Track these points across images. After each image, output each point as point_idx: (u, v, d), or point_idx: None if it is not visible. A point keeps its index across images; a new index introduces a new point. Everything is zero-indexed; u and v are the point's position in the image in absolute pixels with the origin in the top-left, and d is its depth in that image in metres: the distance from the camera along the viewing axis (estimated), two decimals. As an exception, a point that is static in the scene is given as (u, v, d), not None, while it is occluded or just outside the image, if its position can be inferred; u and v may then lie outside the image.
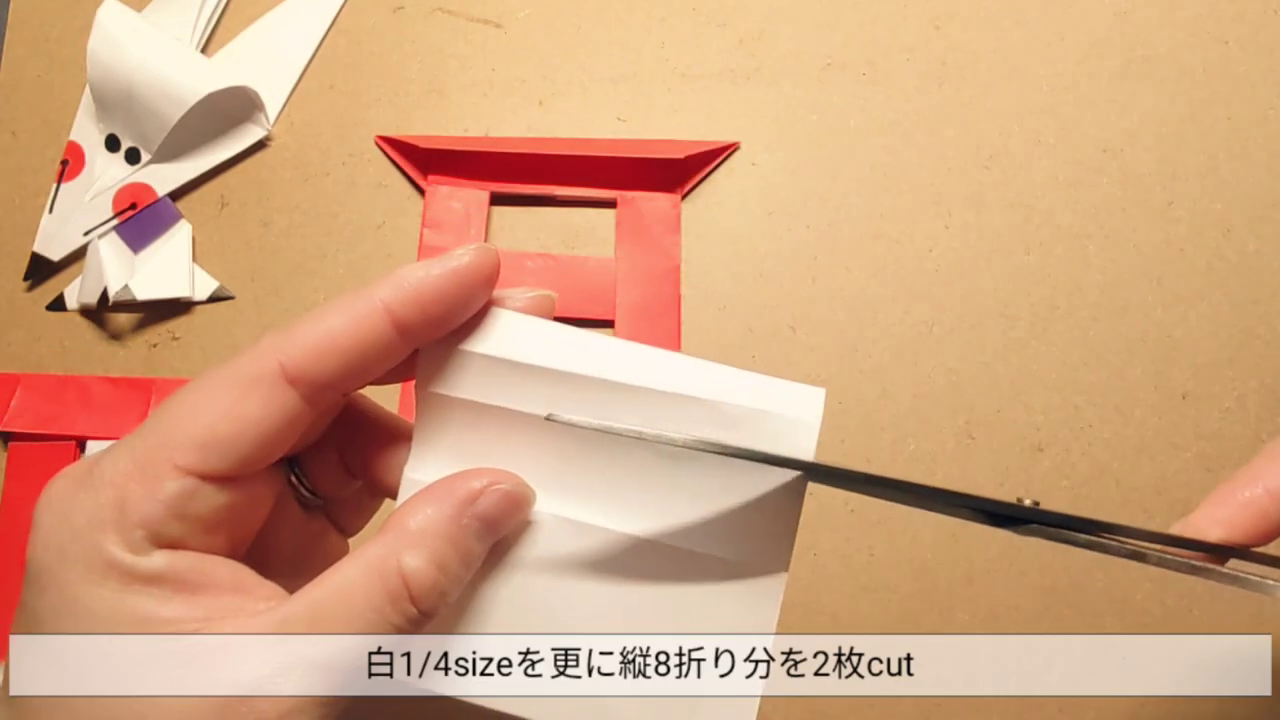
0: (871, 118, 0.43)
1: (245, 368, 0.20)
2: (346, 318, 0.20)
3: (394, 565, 0.20)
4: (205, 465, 0.20)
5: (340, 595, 0.19)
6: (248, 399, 0.20)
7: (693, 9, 0.44)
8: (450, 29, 0.44)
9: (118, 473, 0.20)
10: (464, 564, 0.21)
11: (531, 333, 0.22)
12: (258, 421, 0.20)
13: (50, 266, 0.42)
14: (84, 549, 0.19)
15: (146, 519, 0.19)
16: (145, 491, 0.19)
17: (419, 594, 0.20)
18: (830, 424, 0.40)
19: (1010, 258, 0.41)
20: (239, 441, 0.20)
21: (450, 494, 0.21)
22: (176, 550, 0.20)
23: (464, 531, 0.20)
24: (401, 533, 0.20)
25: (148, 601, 0.19)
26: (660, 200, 0.42)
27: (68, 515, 0.20)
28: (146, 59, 0.41)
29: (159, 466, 0.19)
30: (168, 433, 0.20)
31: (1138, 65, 0.43)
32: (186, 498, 0.20)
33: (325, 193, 0.42)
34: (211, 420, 0.20)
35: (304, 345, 0.20)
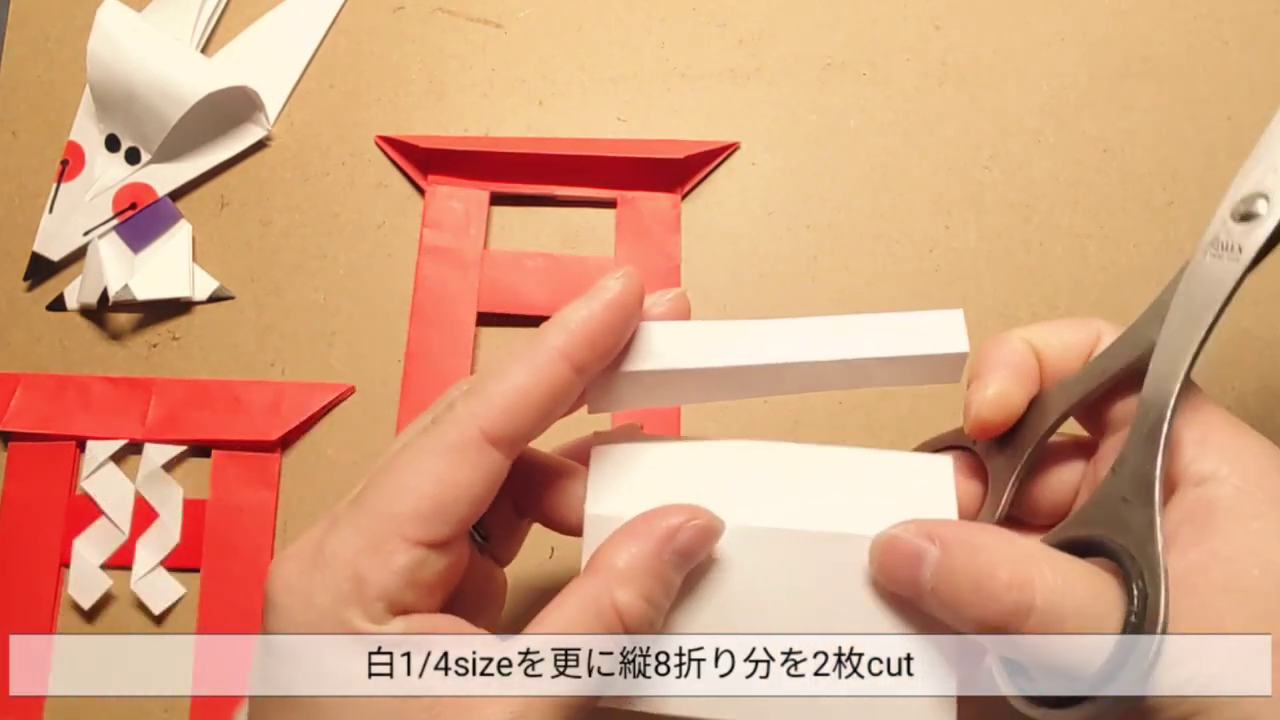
0: (871, 118, 0.43)
1: (451, 436, 0.21)
2: (530, 371, 0.22)
3: (608, 602, 0.21)
4: (430, 535, 0.21)
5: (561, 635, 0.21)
6: (460, 468, 0.21)
7: (693, 9, 0.44)
8: (450, 29, 0.44)
9: (349, 549, 0.21)
10: (666, 595, 0.23)
11: (679, 337, 0.24)
12: (470, 486, 0.21)
13: (50, 266, 0.42)
14: (331, 624, 0.20)
15: (385, 591, 0.21)
16: (380, 566, 0.21)
17: (632, 626, 0.22)
18: (830, 424, 0.40)
19: (1010, 258, 0.41)
20: (456, 508, 0.21)
21: (650, 532, 0.22)
22: (410, 615, 0.21)
23: (665, 566, 0.22)
24: (611, 572, 0.22)
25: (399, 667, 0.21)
26: (660, 200, 0.42)
27: (309, 594, 0.21)
28: (146, 59, 0.41)
29: (389, 541, 0.21)
30: (391, 507, 0.21)
31: (1138, 65, 0.43)
32: (417, 568, 0.21)
33: (325, 193, 0.42)
34: (431, 492, 0.21)
35: (499, 407, 0.22)
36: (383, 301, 0.41)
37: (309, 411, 0.40)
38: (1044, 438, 0.25)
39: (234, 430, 0.40)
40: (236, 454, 0.40)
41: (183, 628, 0.39)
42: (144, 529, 0.39)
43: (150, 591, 0.38)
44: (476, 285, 0.41)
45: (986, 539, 0.22)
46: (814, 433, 0.39)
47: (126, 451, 0.40)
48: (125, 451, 0.40)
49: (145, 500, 0.39)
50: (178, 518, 0.39)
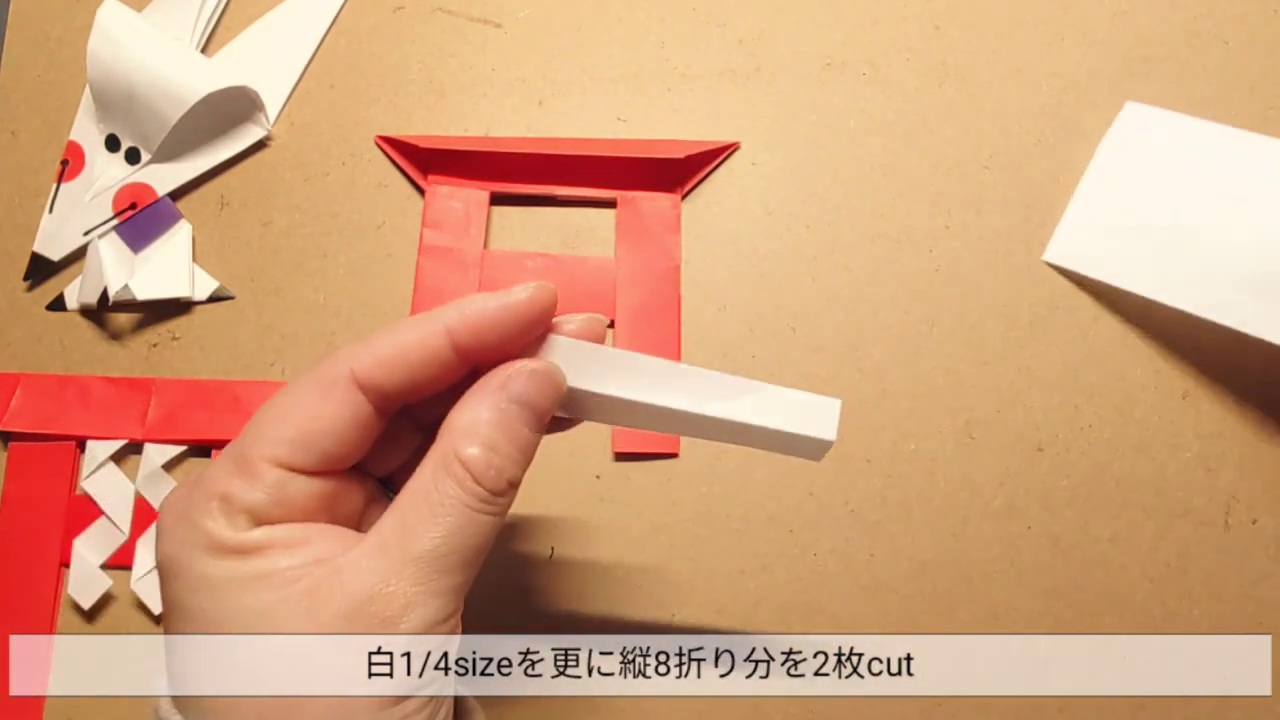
0: (871, 118, 0.43)
1: (323, 373, 0.23)
2: (414, 335, 0.23)
3: (452, 456, 0.23)
4: (292, 459, 0.23)
5: (419, 499, 0.22)
6: (325, 401, 0.23)
7: (693, 9, 0.44)
8: (450, 29, 0.44)
9: (221, 472, 0.23)
10: (514, 444, 0.23)
11: (579, 357, 0.25)
12: (333, 420, 0.23)
13: (50, 266, 0.42)
14: (199, 536, 0.22)
15: (249, 506, 0.22)
16: (245, 485, 0.23)
17: (479, 473, 0.22)
18: (830, 424, 0.40)
19: (1010, 258, 0.41)
20: (318, 439, 0.23)
21: (484, 386, 0.24)
22: (277, 524, 0.23)
23: (504, 415, 0.23)
24: (452, 431, 0.23)
25: (262, 562, 0.22)
26: (660, 200, 0.42)
27: (184, 512, 0.23)
28: (146, 59, 0.41)
29: (255, 463, 0.23)
30: (261, 434, 0.23)
31: (1138, 65, 0.43)
32: (280, 486, 0.23)
33: (325, 193, 0.42)
34: (296, 421, 0.23)
35: (374, 355, 0.23)
36: (383, 301, 0.41)
37: (309, 411, 0.40)
38: None
39: (234, 430, 0.40)
40: (236, 454, 0.40)
41: (183, 628, 0.39)
42: (144, 529, 0.39)
43: (150, 591, 0.38)
44: (476, 285, 0.41)
45: None
46: (814, 433, 0.39)
47: (126, 451, 0.40)
48: (125, 451, 0.40)
49: (145, 500, 0.39)
50: (178, 518, 0.39)
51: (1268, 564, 0.38)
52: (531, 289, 0.24)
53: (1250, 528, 0.38)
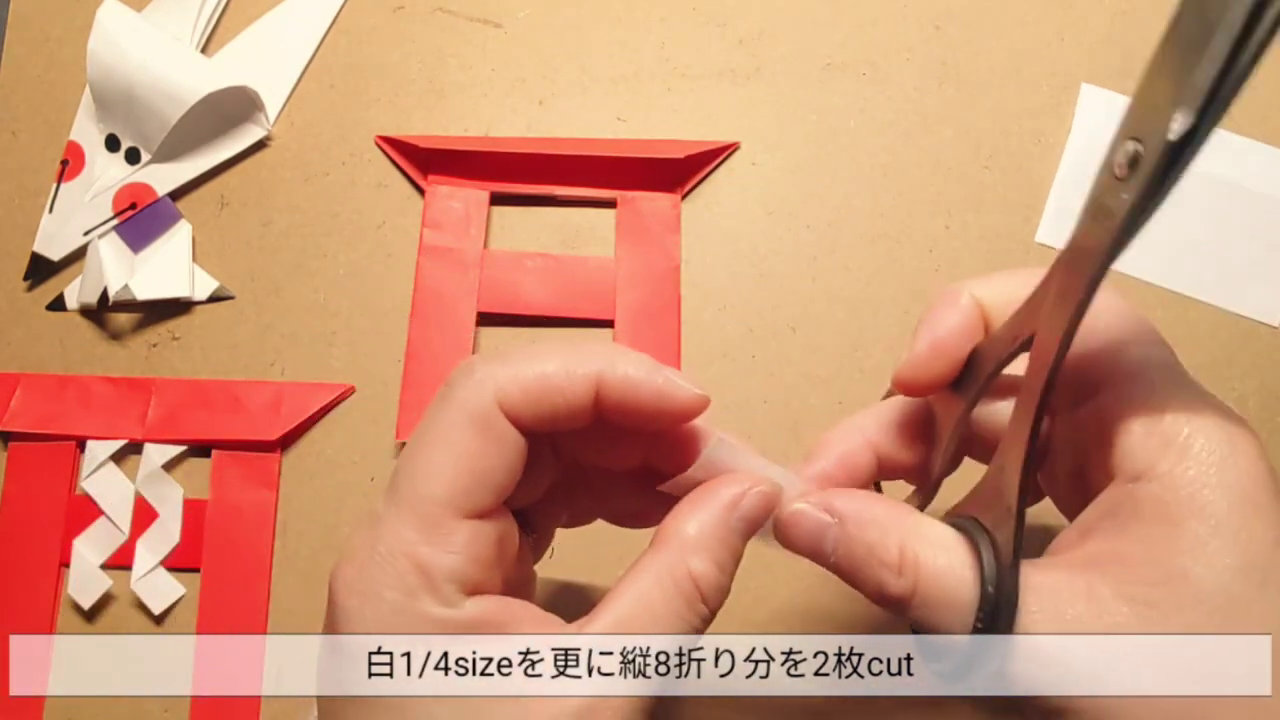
0: (871, 118, 0.43)
1: (470, 404, 0.21)
2: (560, 372, 0.22)
3: (684, 572, 0.22)
4: (475, 506, 0.21)
5: (642, 606, 0.21)
6: (485, 439, 0.21)
7: (693, 9, 0.44)
8: (450, 29, 0.44)
9: (403, 540, 0.21)
10: (735, 561, 0.23)
11: (738, 461, 0.24)
12: (499, 458, 0.22)
13: (50, 266, 0.42)
14: (410, 620, 0.20)
15: (451, 573, 0.21)
16: (439, 549, 0.21)
17: (708, 593, 0.22)
18: (830, 424, 0.39)
19: (1010, 258, 0.41)
20: (490, 477, 0.21)
21: (717, 500, 0.23)
22: (481, 596, 0.21)
23: (733, 533, 0.23)
24: (684, 541, 0.22)
25: (474, 651, 0.21)
26: (660, 200, 0.42)
27: (376, 593, 0.21)
28: (146, 59, 0.41)
29: (440, 522, 0.21)
30: (430, 488, 0.21)
31: (1137, 65, 0.42)
32: (473, 541, 0.21)
33: (325, 193, 0.42)
34: (463, 464, 0.21)
35: (520, 386, 0.22)
36: (383, 301, 0.41)
37: (309, 411, 0.40)
38: (983, 388, 0.24)
39: (234, 430, 0.40)
40: (236, 454, 0.40)
41: (183, 628, 0.39)
42: (144, 529, 0.39)
43: (150, 591, 0.38)
44: (476, 285, 0.41)
45: (879, 513, 0.22)
46: (815, 433, 0.39)
47: (126, 451, 0.40)
48: (125, 451, 0.40)
49: (145, 500, 0.39)
50: (178, 518, 0.39)
51: (1268, 564, 0.38)
52: (694, 394, 0.23)
53: (1250, 528, 0.38)
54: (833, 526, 0.23)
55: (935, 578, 0.21)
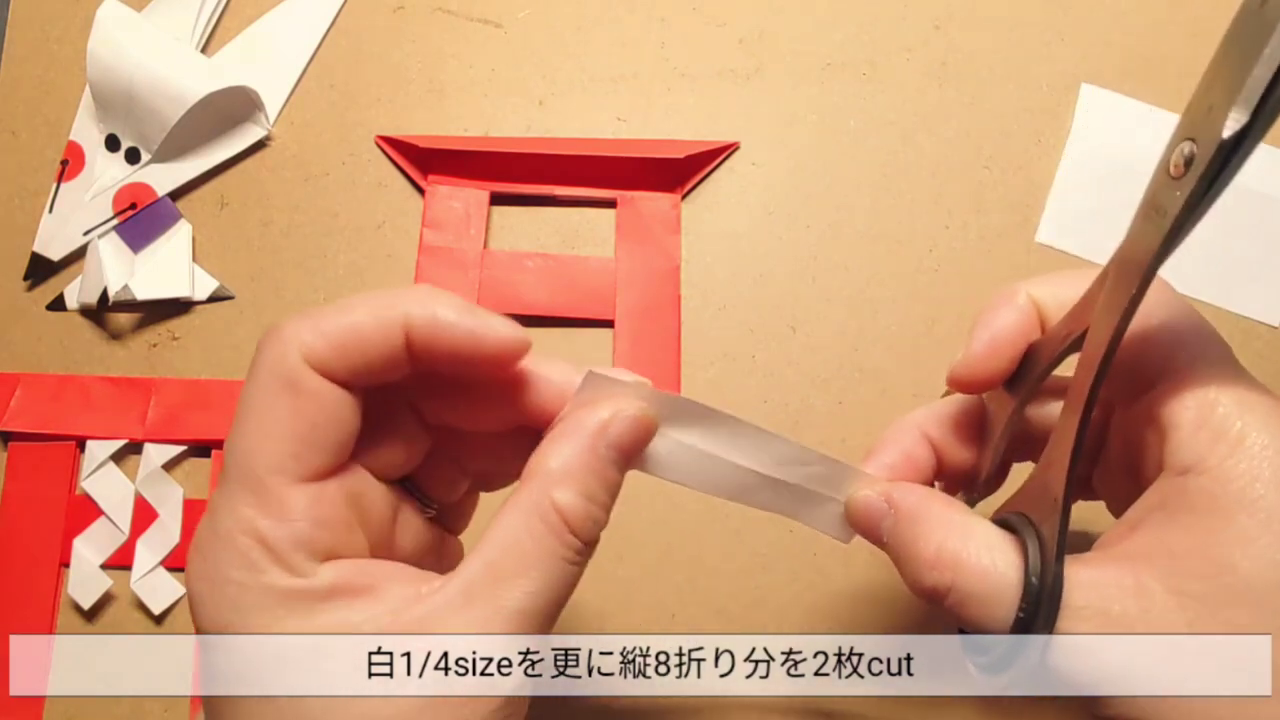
0: (871, 118, 0.43)
1: (278, 368, 0.20)
2: (368, 319, 0.21)
3: (548, 504, 0.21)
4: (308, 467, 0.20)
5: (510, 546, 0.21)
6: (299, 399, 0.20)
7: (693, 9, 0.44)
8: (450, 29, 0.44)
9: (241, 518, 0.20)
10: (607, 490, 0.22)
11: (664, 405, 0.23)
12: (322, 415, 0.20)
13: (50, 266, 0.42)
14: (257, 596, 0.19)
15: (296, 541, 0.20)
16: (276, 518, 0.20)
17: (577, 525, 0.21)
18: (830, 424, 0.40)
19: (1010, 257, 0.41)
20: (318, 434, 0.20)
21: (580, 428, 0.22)
22: (338, 560, 0.20)
23: (602, 461, 0.22)
24: (546, 475, 0.21)
25: (337, 613, 0.20)
26: (660, 200, 0.42)
27: (223, 574, 0.20)
28: (146, 59, 0.41)
29: (273, 490, 0.20)
30: (255, 460, 0.20)
31: (1138, 65, 0.43)
32: (313, 505, 0.20)
33: (325, 193, 0.42)
34: (282, 429, 0.20)
35: (325, 338, 0.21)
36: (383, 301, 0.41)
37: (309, 411, 0.40)
38: (1035, 387, 0.24)
39: (234, 430, 0.39)
40: (236, 454, 0.40)
41: (183, 628, 0.39)
42: (144, 529, 0.39)
43: (150, 591, 0.38)
44: (476, 285, 0.41)
45: (933, 510, 0.23)
46: (815, 433, 0.39)
47: (126, 451, 0.40)
48: (125, 451, 0.40)
49: (145, 500, 0.39)
50: (178, 518, 0.39)
51: (1268, 564, 0.38)
52: (510, 336, 0.21)
53: (1250, 528, 0.38)
54: (888, 516, 0.23)
55: (975, 575, 0.21)
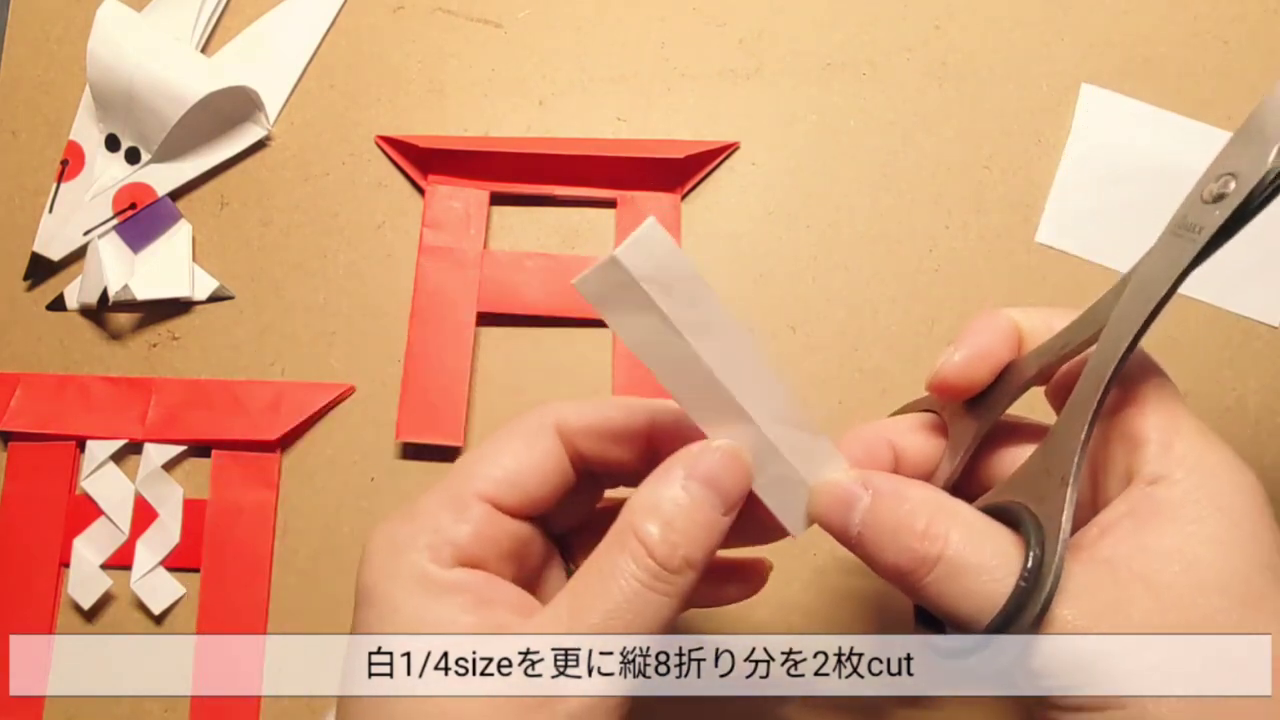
0: (871, 118, 0.43)
1: (531, 421, 0.25)
2: (619, 415, 0.25)
3: (629, 531, 0.22)
4: (500, 496, 0.24)
5: (592, 572, 0.22)
6: (531, 447, 0.24)
7: (693, 9, 0.44)
8: (450, 29, 0.44)
9: (433, 504, 0.24)
10: (694, 523, 0.22)
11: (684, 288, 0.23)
12: (539, 464, 0.24)
13: (50, 266, 0.42)
14: (403, 565, 0.23)
15: (454, 539, 0.23)
16: (454, 517, 0.23)
17: (653, 547, 0.22)
18: (830, 424, 0.40)
19: (1010, 257, 0.41)
20: (524, 478, 0.24)
21: (669, 463, 0.23)
22: (476, 569, 0.23)
23: (687, 493, 0.23)
24: (632, 508, 0.23)
25: (449, 609, 0.22)
26: (660, 200, 0.42)
27: (393, 541, 0.23)
28: (146, 59, 0.41)
29: (466, 498, 0.24)
30: (472, 473, 0.24)
31: (1138, 65, 0.43)
32: (486, 522, 0.24)
33: (325, 193, 0.42)
34: (504, 461, 0.24)
35: (580, 417, 0.25)
36: (383, 301, 0.41)
37: (309, 411, 0.40)
38: (1003, 408, 0.25)
39: (234, 430, 0.40)
40: (236, 454, 0.40)
41: (183, 628, 0.39)
42: (144, 529, 0.39)
43: (150, 591, 0.38)
44: (476, 285, 0.41)
45: (914, 491, 0.23)
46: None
47: (126, 451, 0.40)
48: (125, 451, 0.40)
49: (145, 500, 0.39)
50: (178, 518, 0.39)
51: (1268, 564, 0.38)
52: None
53: (1250, 528, 0.38)
54: (864, 498, 0.23)
55: (971, 545, 0.22)
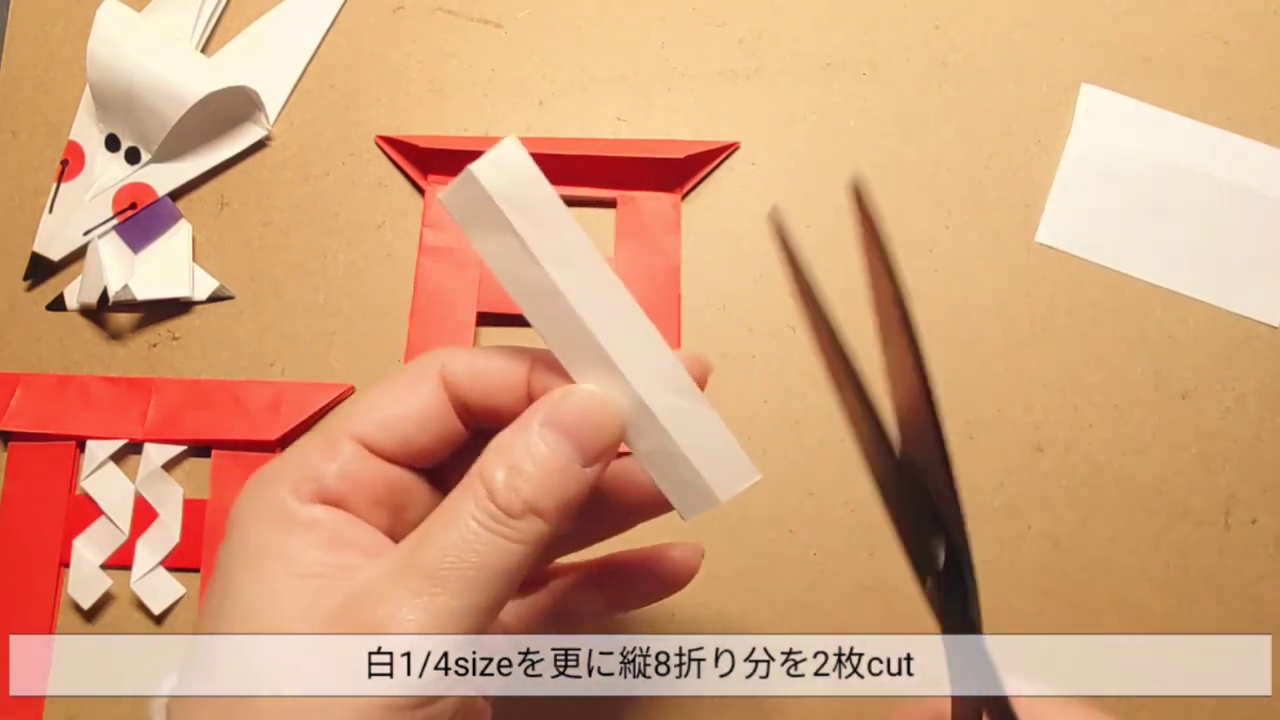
0: (871, 118, 0.43)
1: (416, 366, 0.24)
2: (503, 364, 0.24)
3: (475, 474, 0.22)
4: (372, 437, 0.23)
5: (438, 516, 0.22)
6: (412, 391, 0.24)
7: (693, 9, 0.44)
8: (450, 29, 0.44)
9: (305, 443, 0.23)
10: (541, 468, 0.22)
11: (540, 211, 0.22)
12: (417, 409, 0.24)
13: (50, 266, 0.42)
14: (263, 499, 0.22)
15: (318, 475, 0.23)
16: (323, 455, 0.23)
17: (495, 491, 0.21)
18: (830, 424, 0.40)
19: (1010, 257, 0.41)
20: (400, 422, 0.23)
21: (531, 409, 0.23)
22: (337, 510, 0.23)
23: (539, 437, 0.22)
24: (483, 454, 0.22)
25: (299, 543, 0.22)
26: (660, 200, 0.42)
27: (260, 477, 0.23)
28: (146, 59, 0.41)
29: (338, 437, 0.23)
30: (349, 414, 0.24)
31: (1138, 65, 0.43)
32: (355, 461, 0.23)
33: (325, 193, 0.42)
34: (382, 404, 0.24)
35: (467, 364, 0.24)
36: (383, 301, 0.41)
37: (309, 411, 0.40)
38: None
39: (234, 430, 0.40)
40: (236, 454, 0.40)
41: (182, 628, 0.39)
42: (144, 529, 0.39)
43: (150, 591, 0.38)
44: (476, 285, 0.41)
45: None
46: (815, 433, 0.39)
47: (126, 451, 0.40)
48: (125, 451, 0.40)
49: (145, 500, 0.39)
50: (178, 518, 0.39)
51: (1268, 564, 0.38)
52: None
53: (1250, 528, 0.38)
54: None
55: None
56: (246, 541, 0.22)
